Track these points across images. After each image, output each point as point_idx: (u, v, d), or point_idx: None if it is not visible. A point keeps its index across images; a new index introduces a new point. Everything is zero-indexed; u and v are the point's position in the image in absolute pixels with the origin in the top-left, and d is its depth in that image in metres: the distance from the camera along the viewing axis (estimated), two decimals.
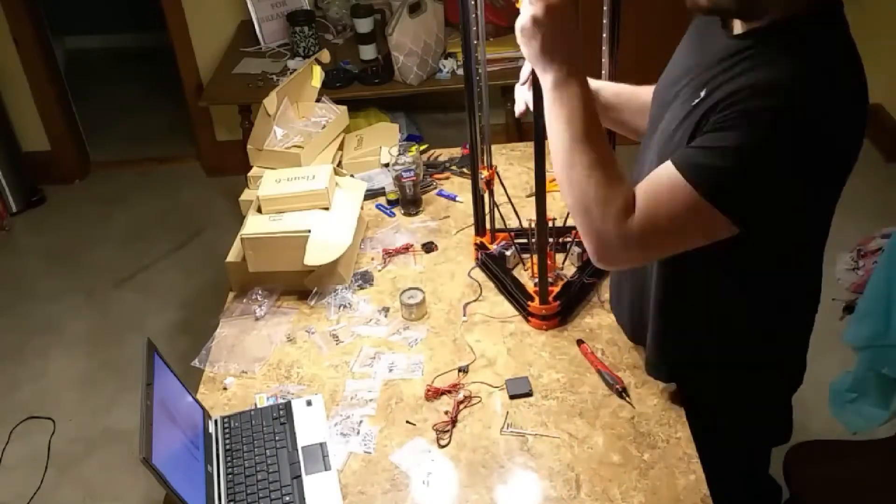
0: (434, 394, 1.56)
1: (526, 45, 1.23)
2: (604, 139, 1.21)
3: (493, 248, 1.85)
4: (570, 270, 1.80)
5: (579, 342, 1.63)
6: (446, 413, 1.52)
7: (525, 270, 1.82)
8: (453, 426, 1.51)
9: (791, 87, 1.08)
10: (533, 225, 1.64)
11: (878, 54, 2.12)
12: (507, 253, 1.83)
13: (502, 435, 1.48)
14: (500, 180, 1.82)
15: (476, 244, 1.88)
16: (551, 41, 1.20)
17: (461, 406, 1.54)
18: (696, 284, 1.33)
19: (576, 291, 1.74)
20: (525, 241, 1.84)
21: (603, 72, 1.64)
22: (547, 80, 1.22)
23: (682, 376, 1.49)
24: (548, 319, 1.68)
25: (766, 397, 1.49)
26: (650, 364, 1.50)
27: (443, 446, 1.47)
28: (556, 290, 1.71)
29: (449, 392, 1.56)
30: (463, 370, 1.61)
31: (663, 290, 1.37)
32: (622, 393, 1.52)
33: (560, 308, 1.68)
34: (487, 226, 1.88)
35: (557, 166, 1.23)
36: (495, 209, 1.84)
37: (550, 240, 1.77)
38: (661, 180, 1.16)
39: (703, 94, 1.19)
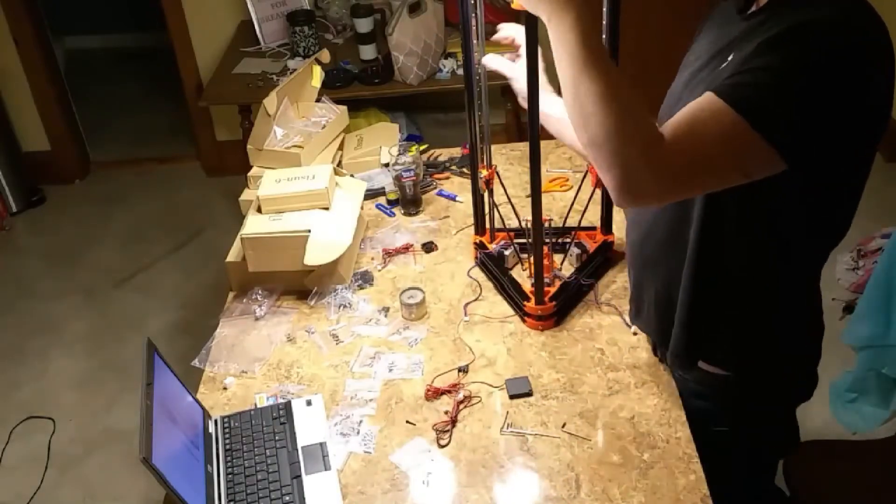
0: (434, 394, 1.56)
1: None
2: (612, 69, 1.13)
3: (493, 247, 1.85)
4: (569, 271, 1.79)
5: None
6: (446, 413, 1.52)
7: (524, 270, 1.82)
8: (453, 426, 1.50)
9: (823, 25, 1.08)
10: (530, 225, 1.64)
11: None
12: (506, 253, 1.83)
13: (502, 435, 1.48)
14: (500, 180, 1.82)
15: (475, 243, 1.88)
16: None
17: (461, 406, 1.54)
18: (730, 265, 1.31)
19: (573, 292, 1.73)
20: (524, 240, 1.84)
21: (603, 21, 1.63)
22: (546, 23, 1.16)
23: (703, 366, 1.45)
24: (543, 320, 1.68)
25: (774, 406, 1.48)
26: (674, 354, 1.47)
27: (443, 446, 1.47)
28: (553, 290, 1.71)
29: (449, 392, 1.56)
30: (463, 370, 1.61)
31: (695, 275, 1.34)
32: None
33: (556, 309, 1.68)
34: (487, 225, 1.88)
35: (568, 106, 1.15)
36: (495, 209, 1.84)
37: (549, 240, 1.77)
38: (695, 106, 1.11)
39: (730, 58, 1.18)
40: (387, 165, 2.17)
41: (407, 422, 1.53)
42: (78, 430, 2.84)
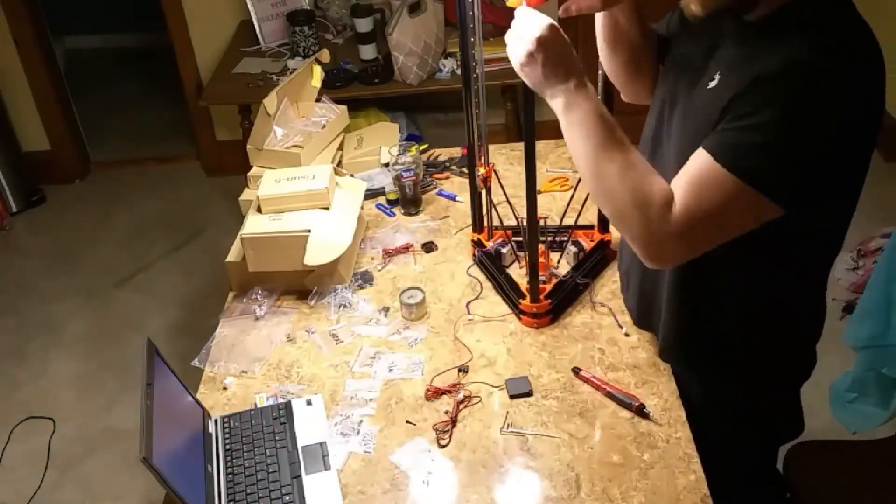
0: (434, 394, 1.56)
1: (527, 77, 1.27)
2: (624, 143, 1.22)
3: (490, 245, 1.85)
4: (566, 270, 1.79)
5: (575, 371, 1.58)
6: (446, 413, 1.52)
7: (520, 268, 1.82)
8: (453, 426, 1.50)
9: (815, 63, 1.09)
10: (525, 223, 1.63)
11: None
12: (503, 251, 1.83)
13: (502, 435, 1.48)
14: (498, 178, 1.82)
15: (473, 241, 1.88)
16: (550, 68, 1.23)
17: (461, 406, 1.54)
18: (713, 266, 1.31)
19: (569, 291, 1.73)
20: (521, 238, 1.84)
21: (599, 71, 1.64)
22: (556, 105, 1.25)
23: (697, 363, 1.49)
24: (539, 318, 1.68)
25: (776, 390, 1.50)
26: (664, 350, 1.52)
27: (443, 446, 1.47)
28: (549, 288, 1.71)
29: (449, 392, 1.56)
30: (463, 370, 1.61)
31: (679, 274, 1.37)
32: (642, 410, 1.47)
33: (551, 307, 1.68)
34: (485, 223, 1.87)
35: (588, 182, 1.25)
36: (494, 208, 1.84)
37: (546, 239, 1.77)
38: (699, 172, 1.16)
39: (716, 76, 1.20)
40: (387, 165, 2.17)
41: (407, 422, 1.53)
42: (78, 430, 2.84)
